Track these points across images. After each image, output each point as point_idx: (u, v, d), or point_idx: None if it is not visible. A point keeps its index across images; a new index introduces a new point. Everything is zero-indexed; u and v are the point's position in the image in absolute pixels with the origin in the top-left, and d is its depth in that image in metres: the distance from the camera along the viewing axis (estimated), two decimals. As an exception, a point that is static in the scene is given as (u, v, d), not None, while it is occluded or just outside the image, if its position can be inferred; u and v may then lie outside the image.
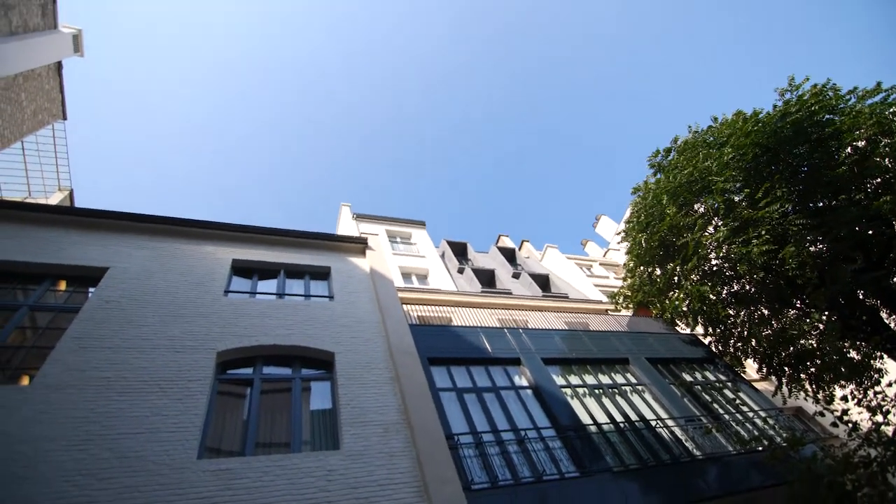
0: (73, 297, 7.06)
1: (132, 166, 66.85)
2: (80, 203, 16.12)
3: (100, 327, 6.24)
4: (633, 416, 7.99)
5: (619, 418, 7.88)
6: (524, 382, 8.19)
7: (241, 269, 8.68)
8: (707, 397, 9.05)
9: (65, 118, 13.10)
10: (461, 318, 10.22)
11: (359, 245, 10.14)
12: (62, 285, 7.29)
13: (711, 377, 9.92)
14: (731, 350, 9.68)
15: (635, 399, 8.59)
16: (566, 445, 6.74)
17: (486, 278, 16.97)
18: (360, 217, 18.29)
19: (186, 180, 71.65)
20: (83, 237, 7.96)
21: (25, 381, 5.54)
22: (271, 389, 6.40)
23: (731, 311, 9.40)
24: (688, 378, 9.55)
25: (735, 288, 9.36)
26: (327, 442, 5.75)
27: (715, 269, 9.17)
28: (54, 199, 14.34)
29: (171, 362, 6.00)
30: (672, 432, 7.62)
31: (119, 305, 6.72)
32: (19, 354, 6.02)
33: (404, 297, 10.67)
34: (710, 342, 10.36)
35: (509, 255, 20.79)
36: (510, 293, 15.39)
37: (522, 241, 24.17)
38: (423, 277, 15.64)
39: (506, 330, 9.25)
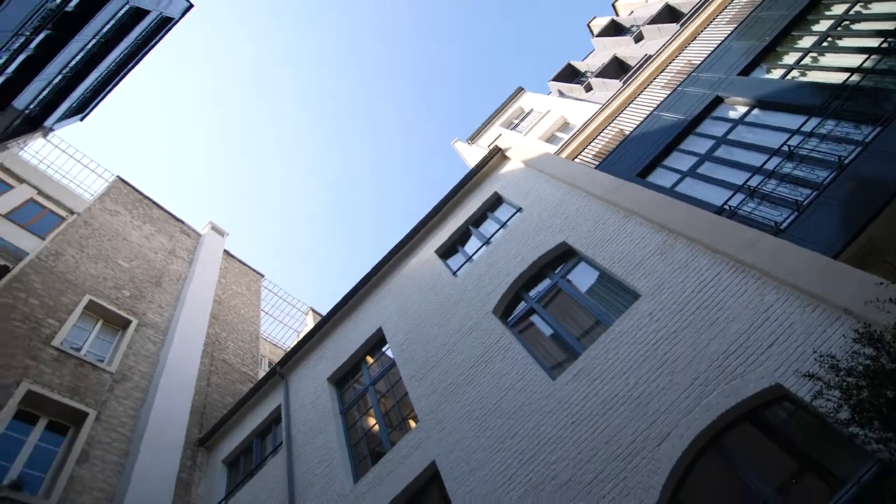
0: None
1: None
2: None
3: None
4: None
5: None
6: (741, 110, 7.12)
7: (446, 252, 9.59)
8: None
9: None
10: (630, 119, 9.37)
11: (497, 158, 10.14)
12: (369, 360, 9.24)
13: None
14: None
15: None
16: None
17: (614, 68, 15.06)
18: (472, 139, 18.17)
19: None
20: (354, 320, 9.88)
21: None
22: (548, 303, 6.97)
23: None
24: None
25: None
26: (625, 299, 6.00)
27: None
28: (309, 321, 17.93)
29: (477, 345, 7.05)
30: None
31: (409, 339, 8.18)
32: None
33: (570, 152, 10.28)
34: None
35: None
36: (647, 58, 13.37)
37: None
38: (565, 126, 14.76)
39: (682, 89, 8.11)
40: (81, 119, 14.39)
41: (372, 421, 7.99)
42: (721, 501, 4.25)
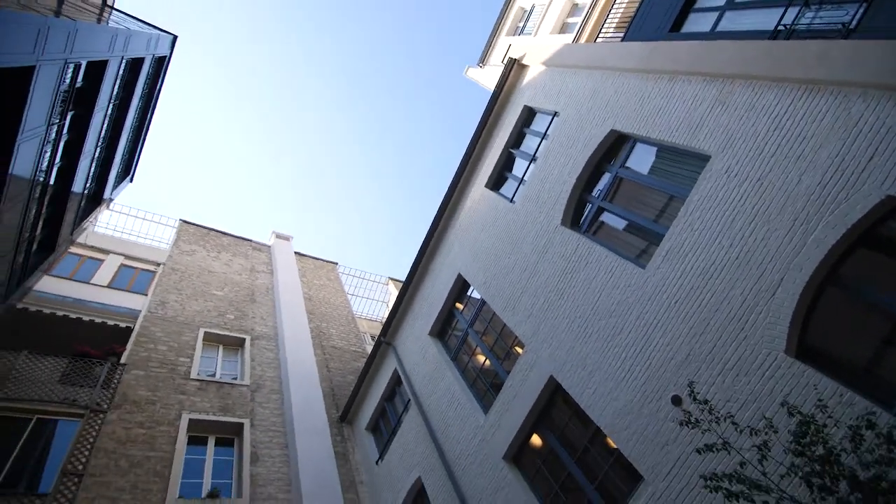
0: (472, 302, 9.22)
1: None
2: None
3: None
4: None
5: None
6: None
7: (495, 183, 9.51)
8: None
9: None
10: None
11: (515, 70, 9.64)
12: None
13: None
14: None
15: None
16: None
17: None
18: (483, 61, 17.27)
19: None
20: (432, 275, 10.24)
21: (521, 347, 7.55)
22: (614, 196, 6.80)
23: None
24: None
25: None
26: (695, 165, 5.69)
27: None
28: (391, 289, 18.65)
29: (557, 260, 7.09)
30: None
31: (491, 277, 8.35)
32: (500, 344, 8.25)
33: (589, 34, 9.56)
34: None
35: None
36: None
37: None
38: (574, 9, 13.59)
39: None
40: (131, 180, 15.40)
41: (482, 358, 8.43)
42: (853, 331, 4.13)
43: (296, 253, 19.24)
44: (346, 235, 74.97)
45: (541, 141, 8.53)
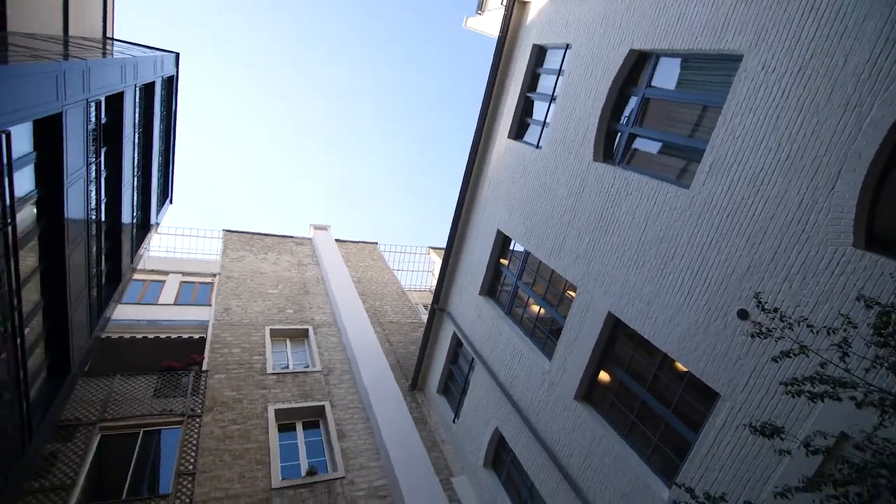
0: (516, 254, 9.24)
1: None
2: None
3: (545, 241, 7.90)
4: None
5: None
6: None
7: (518, 131, 9.30)
8: None
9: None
10: None
11: (516, 10, 9.18)
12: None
13: None
14: None
15: None
16: None
17: None
18: (480, 7, 16.50)
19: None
20: (471, 237, 10.32)
21: (573, 289, 7.55)
22: (643, 119, 6.53)
23: None
24: None
25: None
26: (727, 68, 5.35)
27: None
28: (434, 257, 18.87)
29: (595, 198, 6.96)
30: None
31: (530, 227, 8.32)
32: (552, 290, 8.29)
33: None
34: None
35: None
36: None
37: None
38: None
39: None
40: (171, 202, 16.09)
41: (536, 308, 8.52)
42: (927, 209, 3.88)
43: (336, 240, 19.72)
44: (378, 215, 75.77)
45: (557, 78, 8.21)
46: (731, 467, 4.64)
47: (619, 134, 6.86)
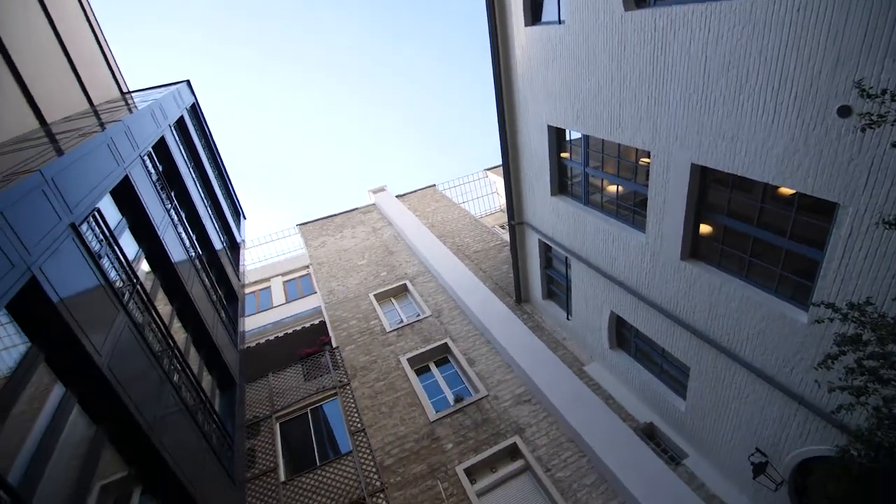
0: None
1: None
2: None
3: (601, 117, 7.49)
4: None
5: None
6: None
7: (534, 16, 8.62)
8: None
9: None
10: None
11: None
12: None
13: None
14: None
15: None
16: None
17: None
18: None
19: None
20: (523, 142, 10.06)
21: (646, 155, 7.18)
22: None
23: None
24: None
25: None
26: None
27: None
28: (493, 177, 18.63)
29: (639, 50, 6.42)
30: None
31: (580, 109, 7.92)
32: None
33: None
34: None
35: None
36: None
37: None
38: None
39: None
40: (244, 217, 17.33)
41: (613, 188, 8.28)
42: None
43: (396, 196, 20.13)
44: (422, 162, 75.09)
45: (556, -63, 7.36)
46: (870, 272, 4.43)
47: (646, -31, 6.12)
